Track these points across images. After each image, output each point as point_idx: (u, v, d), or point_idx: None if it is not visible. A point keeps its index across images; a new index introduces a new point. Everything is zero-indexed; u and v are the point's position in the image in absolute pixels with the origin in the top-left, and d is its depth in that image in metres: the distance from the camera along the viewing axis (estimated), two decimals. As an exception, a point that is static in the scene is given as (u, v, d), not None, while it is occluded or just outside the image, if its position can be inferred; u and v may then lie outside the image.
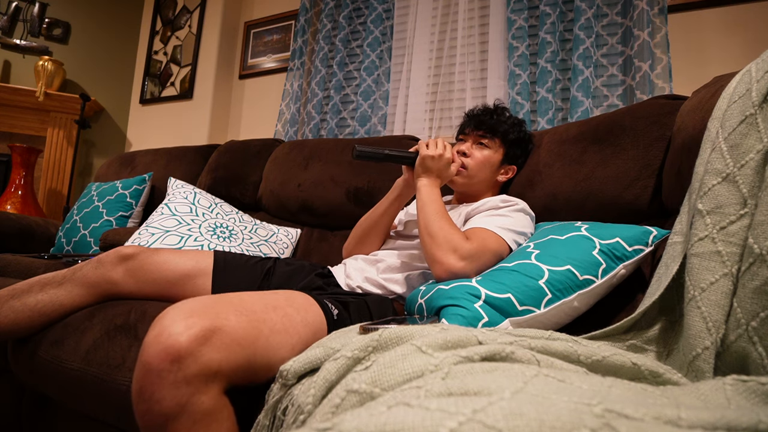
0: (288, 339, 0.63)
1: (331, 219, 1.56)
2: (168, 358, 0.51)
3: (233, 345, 0.55)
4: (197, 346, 0.52)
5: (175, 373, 0.51)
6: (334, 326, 0.71)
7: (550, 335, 0.47)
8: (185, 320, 0.53)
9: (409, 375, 0.35)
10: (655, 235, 0.84)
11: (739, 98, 0.54)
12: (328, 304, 0.75)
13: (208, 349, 0.52)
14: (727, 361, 0.46)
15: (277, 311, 0.65)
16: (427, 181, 0.97)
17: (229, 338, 0.55)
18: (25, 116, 2.80)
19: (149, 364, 0.51)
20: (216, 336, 0.54)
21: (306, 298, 0.73)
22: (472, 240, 0.87)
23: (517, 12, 1.81)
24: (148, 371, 0.51)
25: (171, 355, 0.51)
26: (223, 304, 0.59)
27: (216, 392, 0.53)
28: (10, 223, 1.81)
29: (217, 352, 0.53)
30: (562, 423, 0.22)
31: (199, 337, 0.52)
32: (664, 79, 1.52)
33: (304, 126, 2.28)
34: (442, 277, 0.85)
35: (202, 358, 0.52)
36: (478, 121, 1.12)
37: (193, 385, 0.51)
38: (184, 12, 2.90)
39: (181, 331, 0.52)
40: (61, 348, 0.83)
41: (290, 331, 0.64)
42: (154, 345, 0.52)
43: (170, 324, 0.53)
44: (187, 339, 0.52)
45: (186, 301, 0.58)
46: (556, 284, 0.77)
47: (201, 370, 0.51)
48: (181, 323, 0.53)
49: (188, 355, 0.51)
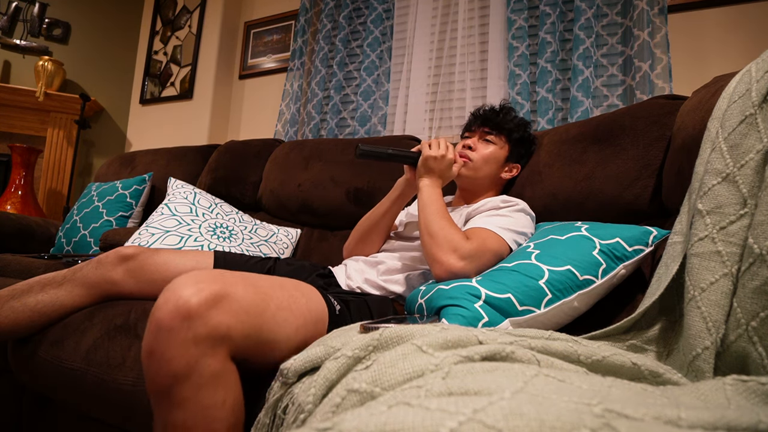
0: (293, 318, 0.64)
1: (331, 219, 1.57)
2: (179, 317, 0.52)
3: (241, 312, 0.56)
4: (206, 309, 0.53)
5: (185, 331, 0.52)
6: (334, 321, 0.72)
7: (550, 335, 0.47)
8: (196, 285, 0.55)
9: (410, 374, 0.35)
10: (655, 236, 0.84)
11: (739, 98, 0.54)
12: (331, 299, 0.76)
13: (217, 312, 0.54)
14: (727, 361, 0.46)
15: (284, 291, 0.66)
16: (429, 182, 0.98)
17: (237, 305, 0.56)
18: (25, 116, 2.80)
19: (161, 322, 0.53)
20: (225, 301, 0.55)
21: (311, 288, 0.74)
22: (473, 240, 0.87)
23: (517, 12, 1.81)
24: (159, 329, 0.53)
25: (182, 314, 0.52)
26: (231, 275, 0.61)
27: (223, 356, 0.54)
28: (10, 223, 1.81)
29: (226, 316, 0.54)
30: (562, 423, 0.22)
31: (209, 300, 0.54)
32: (664, 79, 1.52)
33: (304, 126, 2.28)
34: (442, 276, 0.85)
35: (212, 320, 0.53)
36: (484, 118, 1.14)
37: (202, 346, 0.52)
38: (184, 12, 2.90)
39: (192, 293, 0.53)
40: (62, 348, 0.83)
41: (295, 311, 0.65)
42: (166, 305, 0.53)
43: (181, 287, 0.54)
44: (197, 301, 0.53)
45: (195, 271, 0.59)
46: (556, 284, 0.77)
47: (210, 332, 0.53)
48: (191, 287, 0.54)
49: (198, 316, 0.52)
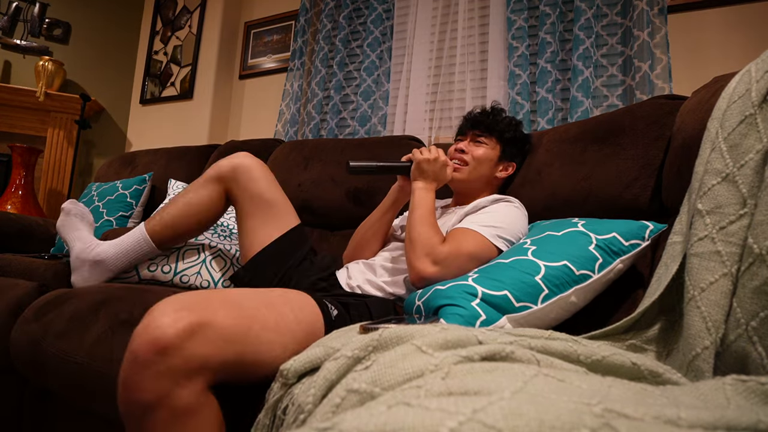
0: (280, 338, 0.63)
1: (332, 219, 1.57)
2: (153, 350, 0.52)
3: (220, 341, 0.55)
4: (183, 341, 0.52)
5: (158, 364, 0.51)
6: (332, 327, 0.71)
7: (550, 335, 0.47)
8: (174, 313, 0.54)
9: (410, 375, 0.35)
10: (652, 230, 0.84)
11: (739, 98, 0.54)
12: (327, 304, 0.75)
13: (194, 344, 0.53)
14: (726, 360, 0.46)
15: (270, 309, 0.65)
16: (423, 185, 0.99)
17: (216, 333, 0.55)
18: (25, 116, 2.80)
19: (135, 353, 0.53)
20: (203, 330, 0.54)
21: (304, 297, 0.73)
22: (447, 244, 0.88)
23: (517, 12, 1.81)
24: (134, 361, 0.52)
25: (156, 347, 0.52)
26: (214, 300, 0.60)
27: (199, 388, 0.54)
28: (10, 223, 1.80)
29: (203, 347, 0.54)
30: (561, 423, 0.22)
31: (186, 331, 0.53)
32: (663, 79, 1.52)
33: (304, 126, 2.28)
34: (415, 283, 0.87)
35: (186, 351, 0.52)
36: (474, 121, 1.16)
37: (175, 378, 0.52)
38: (184, 12, 2.90)
39: (169, 323, 0.53)
40: (66, 341, 0.83)
41: (282, 330, 0.64)
42: (143, 335, 0.53)
43: (159, 316, 0.54)
44: (173, 332, 0.52)
45: (178, 295, 0.58)
46: (552, 280, 0.77)
47: (184, 363, 0.52)
48: (169, 316, 0.53)
49: (173, 348, 0.52)
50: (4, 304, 1.02)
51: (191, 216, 1.03)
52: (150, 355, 0.52)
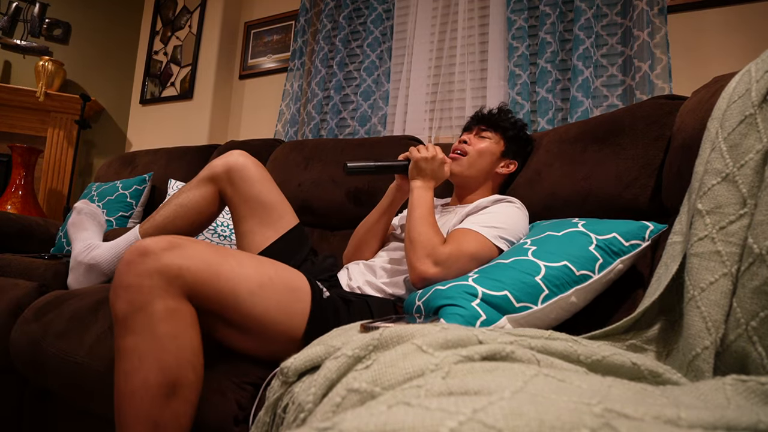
0: (256, 275, 0.71)
1: (332, 219, 1.57)
2: (137, 253, 0.65)
3: (195, 257, 0.66)
4: (162, 250, 0.65)
5: (140, 264, 0.63)
6: (320, 306, 0.76)
7: (550, 335, 0.47)
8: (159, 239, 0.67)
9: (410, 374, 0.35)
10: (652, 230, 0.84)
11: (739, 98, 0.54)
12: (318, 284, 0.80)
13: (171, 255, 0.65)
14: (726, 360, 0.46)
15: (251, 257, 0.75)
16: (421, 183, 0.98)
17: (192, 252, 0.67)
18: (25, 116, 2.80)
19: (125, 258, 0.65)
20: (179, 248, 0.66)
21: (293, 270, 0.79)
22: (448, 244, 0.88)
23: (517, 12, 1.81)
24: (123, 263, 0.65)
25: (140, 251, 0.65)
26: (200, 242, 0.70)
27: (177, 295, 0.64)
28: (10, 223, 1.80)
29: (179, 259, 0.65)
30: (562, 422, 0.22)
31: (165, 246, 0.65)
32: (663, 79, 1.52)
33: (304, 126, 2.28)
34: (416, 284, 0.87)
35: (164, 259, 0.64)
36: (480, 118, 1.17)
37: (156, 279, 0.63)
38: (184, 12, 2.90)
39: (154, 241, 0.66)
40: (66, 341, 0.83)
41: (259, 270, 0.72)
42: (132, 249, 0.66)
43: (144, 240, 0.67)
44: (154, 244, 0.65)
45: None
46: (552, 280, 0.77)
47: (162, 268, 0.63)
48: (154, 239, 0.67)
49: (153, 254, 0.64)
50: (4, 304, 1.02)
51: (183, 218, 1.01)
52: (134, 257, 0.64)
